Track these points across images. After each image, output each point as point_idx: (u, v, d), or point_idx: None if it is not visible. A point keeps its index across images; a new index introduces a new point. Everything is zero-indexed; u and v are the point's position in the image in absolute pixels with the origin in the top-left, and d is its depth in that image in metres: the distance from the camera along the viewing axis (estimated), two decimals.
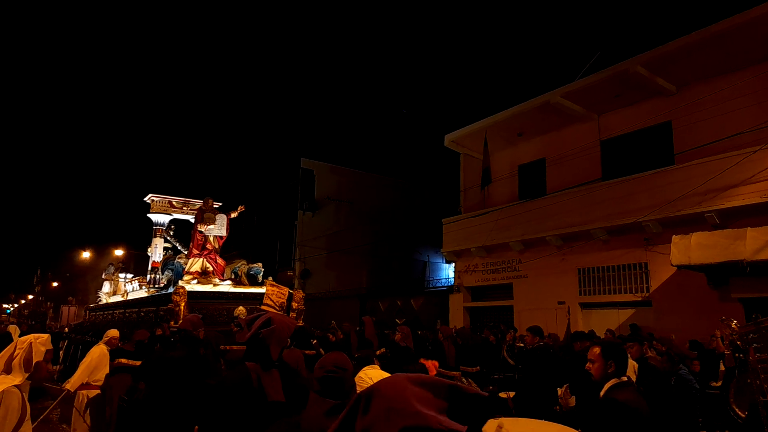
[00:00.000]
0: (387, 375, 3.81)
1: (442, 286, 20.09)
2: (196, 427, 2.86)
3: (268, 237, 26.77)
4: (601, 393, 2.94)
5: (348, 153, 36.29)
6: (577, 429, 1.72)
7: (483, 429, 1.11)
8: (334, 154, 31.96)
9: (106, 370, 6.06)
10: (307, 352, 6.99)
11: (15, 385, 2.94)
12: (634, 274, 12.16)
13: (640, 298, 11.92)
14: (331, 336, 10.89)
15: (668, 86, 12.27)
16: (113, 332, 6.61)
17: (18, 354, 3.06)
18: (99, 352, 6.18)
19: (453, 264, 17.76)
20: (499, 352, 9.95)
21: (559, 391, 4.65)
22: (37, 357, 3.07)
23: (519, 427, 1.13)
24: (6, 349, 3.13)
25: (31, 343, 3.06)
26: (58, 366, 11.98)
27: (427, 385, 1.12)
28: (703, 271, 10.20)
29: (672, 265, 9.95)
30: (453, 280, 17.74)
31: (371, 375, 3.76)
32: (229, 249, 28.50)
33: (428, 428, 1.04)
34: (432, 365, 6.13)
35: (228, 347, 7.12)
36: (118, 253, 25.21)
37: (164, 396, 3.95)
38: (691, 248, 9.52)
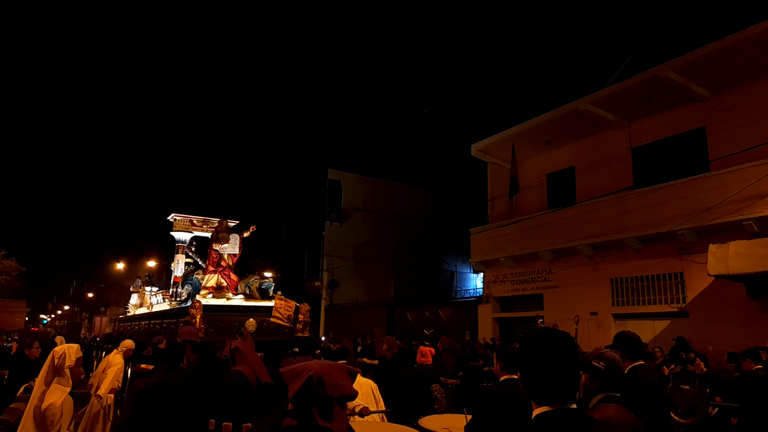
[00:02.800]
0: (367, 380, 5.15)
1: (470, 297, 19.87)
2: (212, 420, 3.32)
3: (296, 247, 26.99)
4: None
5: (375, 163, 36.47)
6: None
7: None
8: (361, 165, 32.12)
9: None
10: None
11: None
12: (670, 284, 11.84)
13: (675, 309, 11.59)
14: (332, 345, 11.60)
15: (702, 92, 11.96)
16: (129, 343, 7.19)
17: (59, 362, 3.78)
18: (122, 362, 6.85)
19: (481, 274, 17.59)
20: None
21: None
22: (69, 363, 3.78)
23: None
24: (48, 359, 3.82)
25: (65, 351, 3.81)
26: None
27: (342, 370, 2.20)
28: (741, 281, 9.88)
29: (709, 274, 9.66)
30: (481, 290, 17.55)
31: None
32: (258, 259, 28.84)
33: (347, 395, 2.13)
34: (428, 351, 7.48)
35: None
36: (151, 264, 25.74)
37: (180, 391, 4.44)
38: (729, 257, 9.23)
